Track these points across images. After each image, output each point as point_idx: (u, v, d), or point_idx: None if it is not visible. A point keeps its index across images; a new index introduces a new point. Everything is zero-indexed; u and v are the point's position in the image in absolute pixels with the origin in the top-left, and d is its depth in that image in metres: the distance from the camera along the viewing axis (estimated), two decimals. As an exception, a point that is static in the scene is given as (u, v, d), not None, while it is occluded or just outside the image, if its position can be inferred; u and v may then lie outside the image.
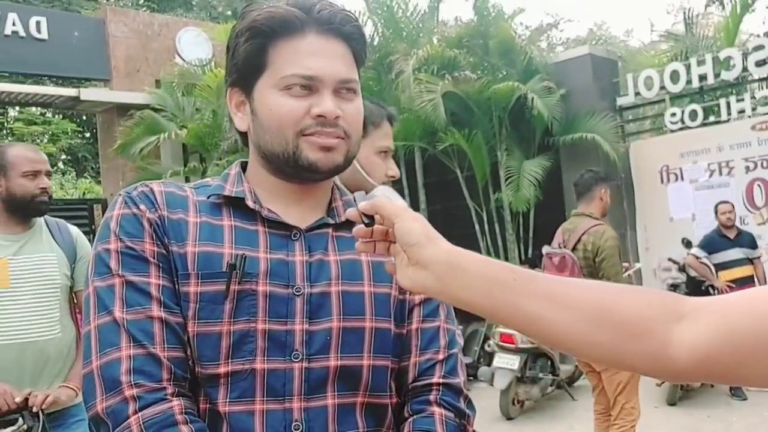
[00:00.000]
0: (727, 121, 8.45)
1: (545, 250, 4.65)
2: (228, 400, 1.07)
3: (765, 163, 8.05)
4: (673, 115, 8.73)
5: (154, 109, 10.90)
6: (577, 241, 4.38)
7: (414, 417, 1.16)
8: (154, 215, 1.11)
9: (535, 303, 0.81)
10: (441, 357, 1.19)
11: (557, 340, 0.82)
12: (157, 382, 1.02)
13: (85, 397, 1.05)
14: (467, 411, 1.19)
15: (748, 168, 8.16)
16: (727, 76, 8.48)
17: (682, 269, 7.12)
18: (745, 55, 8.35)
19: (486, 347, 6.92)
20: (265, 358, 1.08)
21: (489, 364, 6.69)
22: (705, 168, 8.46)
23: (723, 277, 6.65)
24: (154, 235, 1.10)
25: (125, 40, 11.54)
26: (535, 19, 38.50)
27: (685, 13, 9.99)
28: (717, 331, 0.74)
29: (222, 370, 1.07)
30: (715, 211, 6.86)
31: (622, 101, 9.34)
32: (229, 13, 18.83)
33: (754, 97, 8.49)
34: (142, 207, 1.11)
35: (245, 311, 1.08)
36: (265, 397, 1.07)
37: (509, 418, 6.45)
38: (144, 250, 1.08)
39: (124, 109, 11.22)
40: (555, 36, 18.53)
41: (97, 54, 11.25)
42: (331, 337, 1.11)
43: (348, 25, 1.15)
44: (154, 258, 1.08)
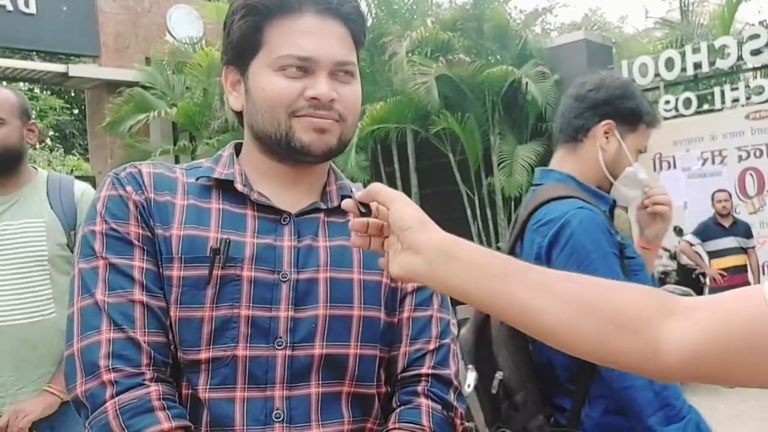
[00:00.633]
0: (721, 110, 8.46)
1: None
2: (208, 387, 1.05)
3: (758, 153, 8.07)
4: (667, 102, 8.72)
5: (144, 87, 10.86)
6: None
7: (400, 408, 1.14)
8: (141, 197, 1.09)
9: (525, 293, 0.80)
10: (431, 347, 1.17)
11: (546, 332, 0.81)
12: (135, 367, 1.01)
13: (66, 379, 1.05)
14: (455, 404, 1.17)
15: (740, 157, 8.17)
16: (722, 64, 8.47)
17: (673, 257, 7.14)
18: (740, 43, 8.34)
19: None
20: (248, 345, 1.06)
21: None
22: (698, 156, 8.47)
23: (716, 265, 6.67)
24: (140, 218, 1.08)
25: (115, 16, 11.42)
26: (530, 4, 38.39)
27: (681, 0, 9.93)
28: (707, 330, 0.73)
29: (203, 356, 1.05)
30: (712, 198, 6.89)
31: (616, 88, 9.31)
32: (221, -8, 18.63)
33: (749, 86, 8.48)
34: (129, 189, 1.09)
35: (228, 297, 1.06)
36: (246, 385, 1.06)
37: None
38: (128, 233, 1.07)
39: (113, 86, 11.15)
40: (550, 21, 18.44)
41: (86, 30, 11.14)
42: (317, 324, 1.09)
43: (346, 6, 1.12)
44: (139, 241, 1.07)
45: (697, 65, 8.58)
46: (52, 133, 20.18)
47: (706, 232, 6.79)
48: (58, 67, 11.15)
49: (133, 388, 1.00)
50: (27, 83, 15.11)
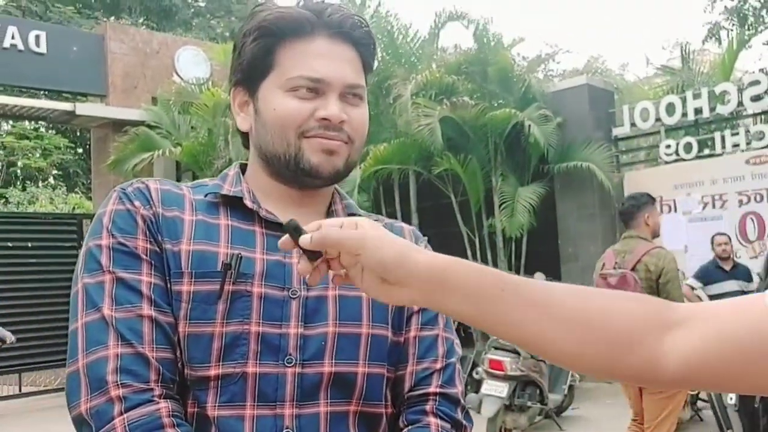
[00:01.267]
0: (722, 154, 8.51)
1: (602, 271, 4.62)
2: (217, 404, 1.03)
3: (758, 197, 8.09)
4: (668, 146, 8.78)
5: (150, 126, 10.91)
6: (637, 261, 4.43)
7: (409, 427, 1.13)
8: (149, 212, 1.08)
9: (523, 313, 0.79)
10: (438, 366, 1.16)
11: (546, 350, 0.81)
12: (144, 383, 0.99)
13: (68, 397, 1.01)
14: (464, 422, 1.16)
15: (741, 201, 8.20)
16: (722, 110, 8.55)
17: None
18: (740, 89, 8.43)
19: (474, 374, 6.85)
20: (258, 362, 1.05)
21: (477, 391, 6.60)
22: (698, 200, 8.50)
23: (717, 309, 6.61)
24: (148, 232, 1.07)
25: (123, 56, 11.56)
26: (533, 50, 38.91)
27: (682, 47, 10.08)
28: (707, 340, 0.74)
29: (212, 372, 1.04)
30: (712, 242, 6.88)
31: (617, 132, 9.41)
32: (227, 34, 18.91)
33: (749, 131, 8.55)
34: (137, 203, 1.09)
35: (239, 313, 1.05)
36: (256, 402, 1.04)
37: (497, 447, 6.35)
38: (136, 247, 1.05)
39: (119, 125, 11.23)
40: (552, 68, 18.68)
41: (94, 69, 11.26)
42: (326, 342, 1.08)
43: (358, 31, 1.14)
44: (147, 255, 1.05)
45: (697, 110, 8.66)
46: (55, 171, 20.29)
47: (708, 275, 6.77)
48: (65, 106, 11.23)
49: (142, 405, 0.97)
50: (33, 121, 15.25)
